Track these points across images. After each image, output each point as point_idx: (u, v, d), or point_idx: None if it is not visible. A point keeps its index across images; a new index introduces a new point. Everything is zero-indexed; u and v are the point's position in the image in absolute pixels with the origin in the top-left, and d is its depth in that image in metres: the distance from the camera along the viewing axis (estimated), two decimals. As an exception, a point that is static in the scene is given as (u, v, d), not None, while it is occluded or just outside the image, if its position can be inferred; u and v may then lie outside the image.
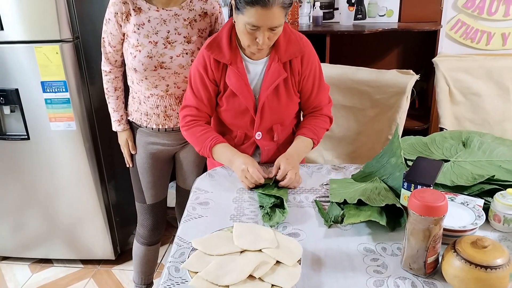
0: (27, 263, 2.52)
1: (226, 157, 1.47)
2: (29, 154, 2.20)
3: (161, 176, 1.91)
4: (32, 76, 2.03)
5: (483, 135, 1.53)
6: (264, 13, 1.29)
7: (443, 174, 1.30)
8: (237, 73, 1.45)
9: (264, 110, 1.50)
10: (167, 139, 1.83)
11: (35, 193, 2.30)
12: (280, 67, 1.46)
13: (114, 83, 1.80)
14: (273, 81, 1.46)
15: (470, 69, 2.25)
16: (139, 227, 2.01)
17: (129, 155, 1.89)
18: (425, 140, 1.50)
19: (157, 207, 1.95)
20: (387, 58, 2.70)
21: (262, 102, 1.48)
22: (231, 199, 1.37)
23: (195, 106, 1.52)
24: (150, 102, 1.75)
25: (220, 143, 1.50)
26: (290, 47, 1.47)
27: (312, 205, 1.33)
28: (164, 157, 1.88)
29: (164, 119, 1.77)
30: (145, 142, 1.83)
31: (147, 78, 1.67)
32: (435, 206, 0.95)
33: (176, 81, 1.70)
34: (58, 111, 2.08)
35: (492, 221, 1.18)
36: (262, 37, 1.34)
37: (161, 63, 1.64)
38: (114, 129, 1.86)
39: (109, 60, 1.75)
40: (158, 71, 1.66)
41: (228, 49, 1.45)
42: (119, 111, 1.83)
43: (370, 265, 1.06)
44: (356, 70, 2.03)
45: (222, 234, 1.13)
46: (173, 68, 1.66)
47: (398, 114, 1.95)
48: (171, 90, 1.72)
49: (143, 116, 1.79)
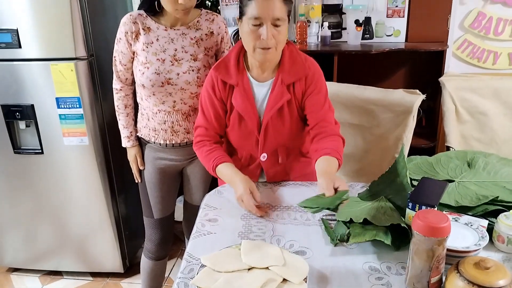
0: (38, 275, 2.56)
1: (227, 178, 1.51)
2: (42, 168, 2.25)
3: (168, 191, 1.95)
4: (47, 92, 2.10)
5: (488, 156, 1.54)
6: (265, 3, 1.36)
7: (447, 194, 1.32)
8: (243, 94, 1.50)
9: (268, 131, 1.53)
10: (175, 154, 1.87)
11: (47, 205, 2.35)
12: (284, 89, 1.49)
13: (125, 101, 1.85)
14: (277, 102, 1.49)
15: (476, 89, 2.27)
16: (146, 241, 2.04)
17: (137, 171, 1.93)
18: (430, 160, 1.53)
19: (165, 221, 1.99)
20: (394, 77, 2.74)
21: (266, 123, 1.51)
22: (239, 216, 1.40)
23: (204, 126, 1.57)
24: (158, 118, 1.80)
25: (222, 163, 1.52)
26: (294, 69, 1.50)
27: (319, 223, 1.35)
28: (171, 172, 1.92)
29: (172, 135, 1.82)
30: (153, 157, 1.88)
31: (155, 94, 1.73)
32: (439, 227, 0.98)
33: (183, 97, 1.75)
34: (71, 126, 2.14)
35: (496, 242, 1.20)
36: (266, 31, 1.37)
37: (168, 79, 1.70)
38: (124, 145, 1.91)
39: (120, 78, 1.82)
40: (165, 87, 1.71)
41: (235, 70, 1.50)
42: (129, 128, 1.88)
43: (375, 284, 1.08)
44: (363, 89, 2.06)
45: (230, 251, 1.16)
46: (179, 85, 1.72)
47: (405, 133, 1.97)
48: (177, 106, 1.77)
49: (151, 132, 1.84)
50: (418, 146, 2.49)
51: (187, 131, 1.83)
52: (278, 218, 1.39)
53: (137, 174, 1.94)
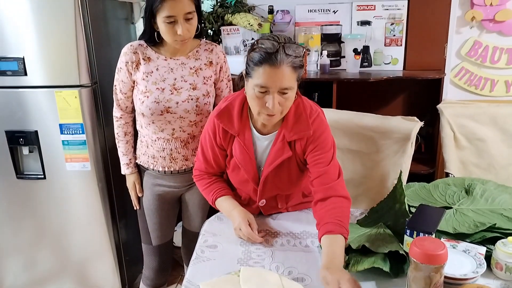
0: (37, 300, 2.54)
1: (226, 212, 1.52)
2: (44, 193, 2.27)
3: (167, 217, 1.96)
4: (51, 118, 2.13)
5: (485, 183, 1.56)
6: (273, 72, 1.27)
7: (445, 221, 1.33)
8: (242, 146, 1.46)
9: (266, 183, 1.50)
10: (173, 181, 1.89)
11: (48, 230, 2.35)
12: (285, 145, 1.43)
13: (125, 128, 1.89)
14: (277, 158, 1.44)
15: (474, 115, 2.30)
16: (145, 269, 2.04)
17: (136, 198, 1.95)
18: (428, 187, 1.54)
19: (163, 248, 1.99)
20: (393, 104, 2.77)
21: (265, 175, 1.48)
22: (239, 242, 1.41)
23: (203, 163, 1.58)
24: (157, 145, 1.82)
25: (222, 197, 1.53)
26: (297, 126, 1.42)
27: (318, 249, 1.36)
28: (170, 199, 1.94)
29: (170, 162, 1.84)
30: (152, 184, 1.90)
31: (154, 122, 1.76)
32: (436, 255, 0.99)
33: (182, 125, 1.78)
34: (74, 152, 2.16)
35: (494, 269, 1.21)
36: (271, 100, 1.29)
37: (167, 108, 1.73)
38: (123, 172, 1.94)
39: (120, 106, 1.85)
40: (165, 116, 1.74)
41: (238, 119, 1.45)
42: (128, 155, 1.91)
43: (373, 311, 1.08)
44: (362, 116, 2.09)
45: (229, 277, 1.17)
46: (178, 113, 1.75)
47: (403, 159, 1.99)
48: (176, 133, 1.79)
49: (150, 159, 1.86)
50: (417, 172, 2.50)
51: (186, 158, 1.85)
52: (277, 244, 1.40)
53: (135, 201, 1.96)
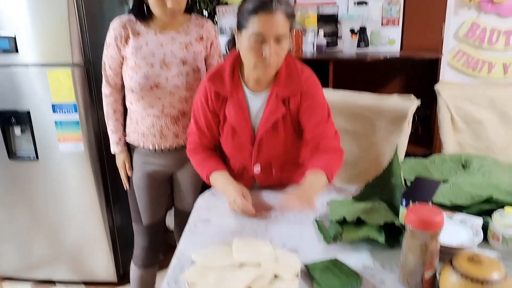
0: (30, 283, 2.52)
1: (220, 187, 1.49)
2: (37, 175, 2.24)
3: (157, 197, 1.93)
4: (43, 98, 2.10)
5: (483, 158, 1.54)
6: (268, 19, 1.30)
7: (442, 194, 1.31)
8: (236, 106, 1.46)
9: (261, 144, 1.49)
10: (164, 159, 1.85)
11: (42, 213, 2.33)
12: (279, 103, 1.44)
13: (114, 106, 1.85)
14: (271, 117, 1.45)
15: (472, 97, 2.28)
16: (136, 248, 2.00)
17: (126, 177, 1.92)
18: (424, 162, 1.52)
19: (154, 228, 1.96)
20: (390, 86, 2.75)
21: (260, 136, 1.47)
22: (233, 216, 1.39)
23: (197, 134, 1.56)
24: (147, 122, 1.79)
25: (216, 171, 1.50)
26: (289, 83, 1.44)
27: (313, 223, 1.34)
28: (161, 178, 1.90)
29: (160, 139, 1.80)
30: (142, 162, 1.86)
31: (143, 98, 1.73)
32: (432, 221, 0.97)
33: (172, 101, 1.74)
34: (67, 132, 2.13)
35: (491, 240, 1.19)
36: (268, 48, 1.32)
37: (157, 83, 1.70)
38: (112, 151, 1.90)
39: (109, 83, 1.81)
40: (154, 91, 1.71)
41: (230, 80, 1.46)
42: (117, 133, 1.87)
43: (367, 281, 1.06)
44: (358, 95, 2.07)
45: (221, 248, 1.15)
46: (168, 88, 1.72)
47: (400, 139, 1.97)
48: (166, 110, 1.76)
49: (140, 136, 1.82)
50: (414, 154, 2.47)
51: (176, 135, 1.81)
52: (272, 218, 1.38)
53: (125, 180, 1.92)
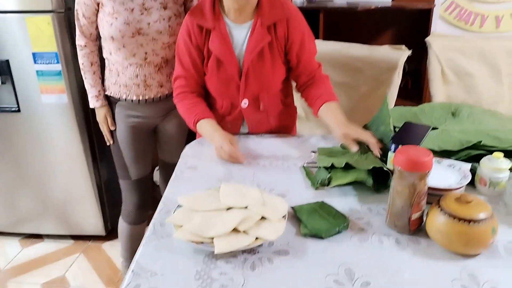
0: (18, 238, 2.52)
1: (207, 134, 1.46)
2: (20, 127, 2.19)
3: (144, 150, 1.89)
4: (23, 47, 2.02)
5: (472, 107, 1.53)
6: None
7: (431, 140, 1.30)
8: (220, 38, 1.44)
9: (248, 76, 1.48)
10: (148, 111, 1.80)
11: (26, 167, 2.29)
12: (264, 31, 1.44)
13: (90, 58, 1.76)
14: (257, 45, 1.44)
15: (463, 49, 2.25)
16: (124, 205, 1.98)
17: (108, 132, 1.85)
18: (414, 110, 1.51)
19: (143, 182, 1.93)
20: (381, 37, 2.70)
21: (246, 67, 1.46)
22: (220, 163, 1.37)
23: (183, 75, 1.52)
24: (129, 72, 1.72)
25: (203, 119, 1.48)
26: (273, 11, 1.45)
27: (301, 170, 1.33)
28: (145, 130, 1.86)
29: (145, 89, 1.75)
30: (124, 115, 1.80)
31: (125, 46, 1.65)
32: (420, 162, 0.96)
33: (154, 48, 1.68)
34: (49, 83, 2.07)
35: (478, 185, 1.19)
36: None
37: (138, 29, 1.63)
38: (92, 106, 1.83)
39: (84, 33, 1.72)
40: (136, 38, 1.64)
41: (211, 14, 1.44)
42: (97, 86, 1.79)
43: (354, 223, 1.06)
44: (348, 46, 2.03)
45: (208, 192, 1.13)
46: (150, 34, 1.65)
47: (390, 90, 1.95)
48: (149, 57, 1.70)
49: (122, 88, 1.75)
50: (403, 108, 2.47)
51: (160, 84, 1.76)
52: (259, 165, 1.36)
53: (108, 135, 1.86)
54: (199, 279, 0.88)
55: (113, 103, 1.82)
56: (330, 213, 1.07)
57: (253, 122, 1.59)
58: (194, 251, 0.96)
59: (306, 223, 1.03)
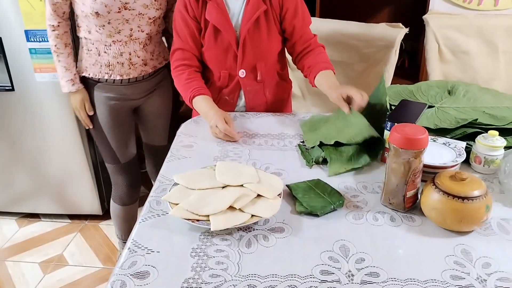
0: (15, 217, 2.53)
1: (202, 111, 1.46)
2: (14, 106, 2.17)
3: (129, 132, 1.84)
4: (15, 24, 1.98)
5: (469, 85, 1.53)
6: None
7: (427, 118, 1.30)
8: (216, 8, 1.45)
9: (246, 45, 1.49)
10: (130, 91, 1.74)
11: (22, 146, 2.28)
12: (259, 0, 1.45)
13: (64, 39, 1.67)
14: (253, 13, 1.45)
15: (460, 27, 2.23)
16: (115, 188, 1.96)
17: (86, 117, 1.77)
18: (411, 88, 1.50)
19: (132, 164, 1.90)
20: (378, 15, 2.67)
21: (243, 36, 1.47)
22: (216, 142, 1.37)
23: (181, 47, 1.52)
24: (113, 51, 1.65)
25: (199, 95, 1.47)
26: None
27: (296, 149, 1.33)
28: (126, 111, 1.80)
29: (129, 68, 1.69)
30: (105, 97, 1.73)
31: (110, 22, 1.59)
32: (416, 139, 0.96)
33: (140, 23, 1.63)
34: (43, 62, 2.04)
35: (473, 163, 1.19)
36: None
37: (124, 4, 1.56)
38: (67, 91, 1.71)
39: (57, 12, 1.62)
40: (122, 13, 1.58)
41: None
42: (72, 70, 1.70)
43: (350, 201, 1.07)
44: (345, 24, 2.01)
45: (204, 171, 1.13)
46: (137, 9, 1.59)
47: (386, 67, 1.94)
48: (135, 34, 1.64)
49: (104, 68, 1.68)
50: (400, 87, 2.46)
51: (145, 62, 1.71)
52: (255, 144, 1.36)
53: (86, 120, 1.77)
54: (195, 256, 0.89)
55: (91, 86, 1.73)
56: (326, 191, 1.07)
57: (250, 94, 1.59)
58: (190, 228, 0.96)
59: (302, 200, 1.04)
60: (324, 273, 0.84)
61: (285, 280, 0.82)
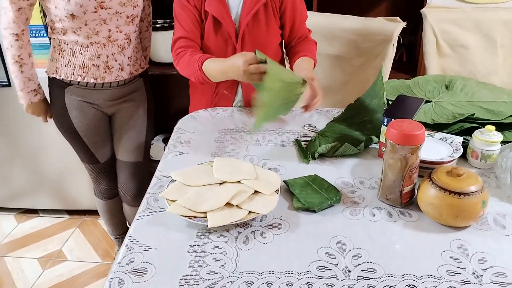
0: (13, 213, 2.53)
1: (217, 70, 1.36)
2: (11, 102, 2.16)
3: (105, 133, 1.78)
4: (11, 20, 1.97)
5: (466, 79, 1.52)
6: None
7: (424, 113, 1.30)
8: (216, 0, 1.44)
9: (245, 38, 1.49)
10: (103, 97, 1.68)
11: (20, 142, 2.28)
12: None
13: (28, 48, 1.57)
14: (253, 6, 1.45)
15: (458, 21, 2.22)
16: (96, 185, 1.93)
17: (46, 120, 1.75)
18: (408, 83, 1.50)
19: (110, 162, 1.86)
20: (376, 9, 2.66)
21: (242, 29, 1.47)
22: (213, 138, 1.37)
23: (184, 35, 1.47)
24: (90, 53, 1.58)
25: (208, 59, 1.39)
26: None
27: (293, 144, 1.33)
28: (100, 116, 1.73)
29: (104, 71, 1.62)
30: (77, 101, 1.65)
31: (87, 23, 1.52)
32: (412, 135, 0.96)
33: (118, 23, 1.58)
34: (39, 57, 2.01)
35: (470, 158, 1.20)
36: None
37: (100, 2, 1.50)
38: (29, 102, 1.64)
39: (20, 18, 1.51)
40: (99, 13, 1.51)
41: None
42: (35, 80, 1.63)
43: (347, 197, 1.07)
44: (343, 18, 2.00)
45: (202, 167, 1.13)
46: (114, 8, 1.54)
47: (384, 62, 1.93)
48: (113, 35, 1.59)
49: (78, 69, 1.60)
50: (398, 82, 2.45)
51: (122, 67, 1.65)
52: (252, 139, 1.36)
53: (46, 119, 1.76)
54: (192, 253, 0.89)
55: (60, 88, 1.64)
56: (323, 187, 1.07)
57: (247, 87, 1.58)
58: (187, 225, 0.96)
59: (299, 196, 1.04)
60: (321, 269, 0.84)
61: (282, 277, 0.83)
